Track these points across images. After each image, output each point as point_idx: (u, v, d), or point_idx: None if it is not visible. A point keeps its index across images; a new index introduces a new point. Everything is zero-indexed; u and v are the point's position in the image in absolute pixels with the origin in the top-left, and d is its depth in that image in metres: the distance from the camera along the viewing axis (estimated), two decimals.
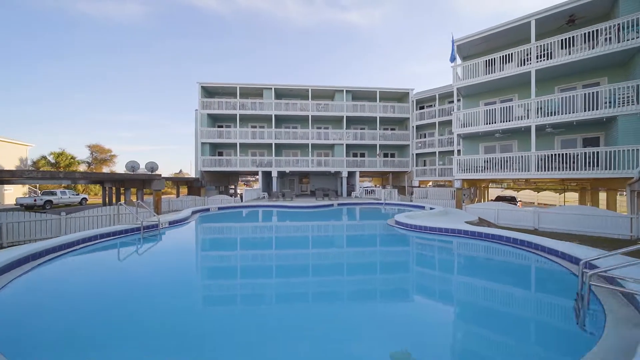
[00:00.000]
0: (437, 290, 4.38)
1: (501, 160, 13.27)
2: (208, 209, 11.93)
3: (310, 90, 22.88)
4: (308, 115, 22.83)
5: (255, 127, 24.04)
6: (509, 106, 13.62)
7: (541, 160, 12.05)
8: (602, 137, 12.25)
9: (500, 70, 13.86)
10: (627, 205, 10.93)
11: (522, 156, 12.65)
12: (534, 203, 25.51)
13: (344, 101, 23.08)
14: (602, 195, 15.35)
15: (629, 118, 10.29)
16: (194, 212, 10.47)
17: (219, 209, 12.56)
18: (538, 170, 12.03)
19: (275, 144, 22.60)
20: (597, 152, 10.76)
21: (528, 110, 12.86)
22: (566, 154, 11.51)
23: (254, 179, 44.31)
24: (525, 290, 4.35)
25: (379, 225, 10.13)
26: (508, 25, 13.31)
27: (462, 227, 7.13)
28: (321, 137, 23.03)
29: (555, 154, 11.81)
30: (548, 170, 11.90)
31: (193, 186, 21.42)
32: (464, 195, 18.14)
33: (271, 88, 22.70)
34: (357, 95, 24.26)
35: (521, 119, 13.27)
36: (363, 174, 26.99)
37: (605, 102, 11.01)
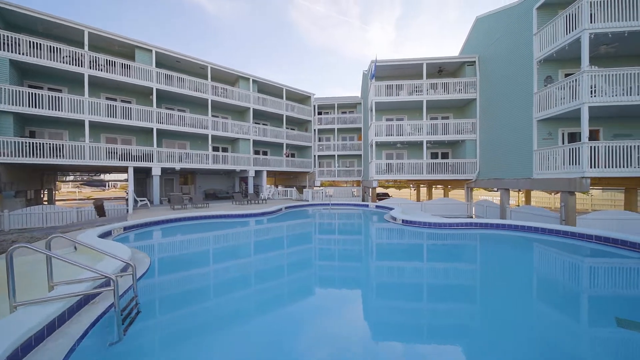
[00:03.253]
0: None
1: (404, 165, 16.98)
2: (110, 232, 6.46)
3: (209, 68, 18.31)
4: (207, 100, 18.15)
5: (114, 100, 15.99)
6: (401, 124, 17.70)
7: (428, 166, 16.65)
8: (450, 152, 18.73)
9: (396, 95, 17.69)
10: (464, 197, 17.42)
11: (416, 163, 16.85)
12: (393, 196, 33.68)
13: (251, 91, 20.44)
14: (440, 191, 23.45)
15: (470, 142, 16.42)
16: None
17: (125, 229, 7.14)
18: (428, 173, 16.52)
19: (157, 129, 16.16)
20: (459, 162, 16.37)
21: (418, 129, 17.30)
22: (441, 162, 16.64)
23: (84, 178, 29.58)
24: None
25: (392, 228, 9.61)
26: (406, 61, 17.25)
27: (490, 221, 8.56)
28: (222, 127, 19.06)
29: (435, 162, 16.72)
30: (432, 173, 16.64)
31: None
32: (366, 192, 21.40)
33: (151, 50, 15.99)
34: (263, 88, 22.23)
35: (410, 135, 17.65)
36: (267, 174, 25.08)
37: (455, 130, 17.00)
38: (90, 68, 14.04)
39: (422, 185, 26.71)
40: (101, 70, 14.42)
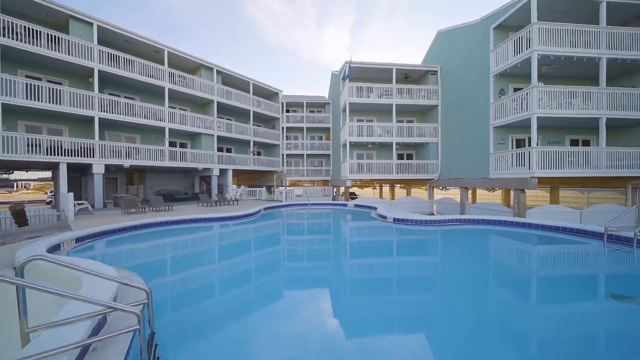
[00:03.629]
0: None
1: (376, 165, 17.59)
2: (59, 245, 4.81)
3: (166, 52, 16.10)
4: (163, 88, 15.95)
5: (37, 79, 12.79)
6: (373, 126, 18.34)
7: (396, 166, 17.55)
8: (414, 154, 20.07)
9: (366, 97, 18.23)
10: (427, 195, 18.88)
11: (386, 163, 17.62)
12: (359, 195, 34.18)
13: (215, 82, 18.70)
14: (399, 189, 24.95)
15: (433, 144, 17.83)
16: None
17: (78, 240, 5.48)
18: (397, 173, 17.40)
19: (100, 118, 13.54)
20: (423, 163, 17.63)
21: (388, 131, 18.11)
22: (409, 163, 17.71)
23: None
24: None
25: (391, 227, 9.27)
26: (378, 65, 17.87)
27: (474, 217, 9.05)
28: (181, 120, 16.98)
29: (403, 163, 17.72)
30: (400, 172, 17.59)
31: None
32: (336, 192, 21.58)
33: (91, 23, 13.28)
34: (228, 80, 20.55)
35: (380, 136, 18.40)
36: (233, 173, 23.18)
37: (419, 133, 18.30)
38: (2, 36, 10.98)
39: (384, 185, 28.15)
40: (19, 40, 11.40)
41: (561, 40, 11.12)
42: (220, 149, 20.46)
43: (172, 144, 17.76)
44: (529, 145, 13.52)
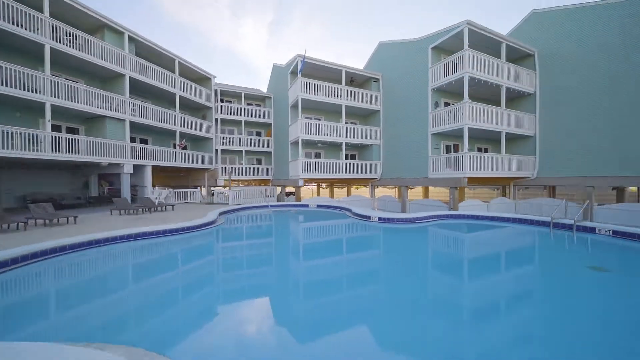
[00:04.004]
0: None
1: (325, 165, 17.46)
2: None
3: None
4: (43, 46, 10.93)
5: None
6: (323, 125, 18.24)
7: (345, 165, 17.98)
8: (357, 155, 21.07)
9: (315, 94, 17.97)
10: (369, 193, 20.19)
11: (336, 162, 17.78)
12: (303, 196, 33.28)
13: (126, 51, 14.26)
14: (339, 189, 25.81)
15: (376, 146, 19.16)
16: None
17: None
18: (345, 172, 17.80)
19: None
20: (368, 163, 18.69)
21: (337, 131, 18.30)
22: (356, 163, 18.43)
23: None
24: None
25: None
26: (328, 64, 17.78)
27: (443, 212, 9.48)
28: (72, 96, 12.11)
29: (351, 163, 18.30)
30: (348, 172, 18.09)
31: None
32: (281, 192, 20.40)
33: None
34: (145, 53, 16.06)
35: (328, 136, 18.46)
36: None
37: (362, 135, 19.40)
38: None
39: (321, 185, 28.62)
40: None
41: (481, 67, 13.79)
42: (132, 140, 15.83)
43: (56, 129, 12.51)
44: (455, 150, 16.36)
